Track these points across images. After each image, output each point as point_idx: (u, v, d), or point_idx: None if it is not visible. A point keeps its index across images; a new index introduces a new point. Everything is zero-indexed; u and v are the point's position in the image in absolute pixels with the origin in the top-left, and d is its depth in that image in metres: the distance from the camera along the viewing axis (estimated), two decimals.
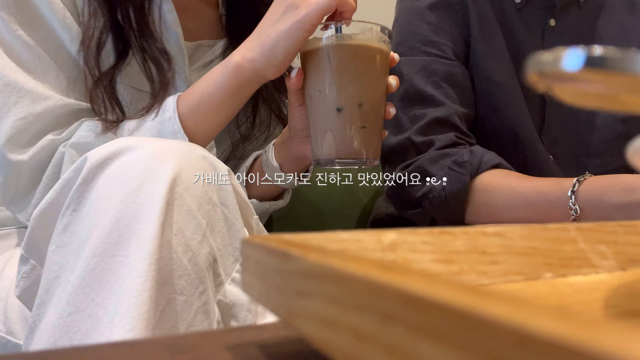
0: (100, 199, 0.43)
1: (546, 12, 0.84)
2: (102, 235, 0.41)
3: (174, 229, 0.43)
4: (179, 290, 0.42)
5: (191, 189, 0.45)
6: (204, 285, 0.44)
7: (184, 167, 0.45)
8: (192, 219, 0.44)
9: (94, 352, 0.23)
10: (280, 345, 0.23)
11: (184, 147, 0.48)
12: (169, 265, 0.42)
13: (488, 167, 0.73)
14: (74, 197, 0.44)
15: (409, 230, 0.24)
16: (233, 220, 0.49)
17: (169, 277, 0.42)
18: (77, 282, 0.41)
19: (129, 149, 0.45)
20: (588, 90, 0.18)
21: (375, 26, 0.59)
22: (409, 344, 0.12)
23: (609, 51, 0.16)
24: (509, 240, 0.26)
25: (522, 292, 0.24)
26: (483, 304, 0.10)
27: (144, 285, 0.39)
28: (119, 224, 0.41)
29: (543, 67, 0.17)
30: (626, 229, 0.29)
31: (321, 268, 0.16)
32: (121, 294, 0.39)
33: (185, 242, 0.43)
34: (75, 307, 0.40)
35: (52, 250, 0.45)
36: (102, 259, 0.41)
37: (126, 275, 0.40)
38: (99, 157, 0.45)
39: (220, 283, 0.47)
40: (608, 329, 0.09)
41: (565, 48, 0.17)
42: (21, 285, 0.50)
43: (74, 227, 0.44)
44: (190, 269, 0.43)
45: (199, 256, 0.44)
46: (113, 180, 0.44)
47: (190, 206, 0.44)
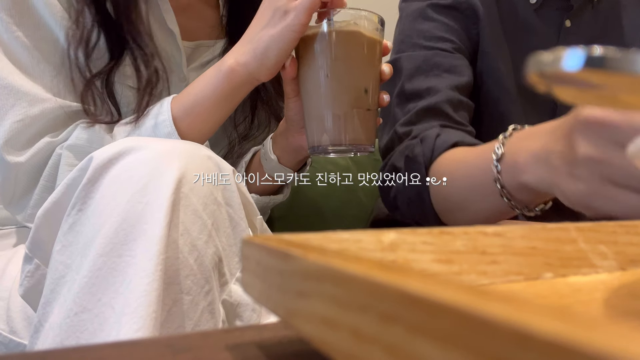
0: (106, 198, 0.43)
1: (561, 13, 0.84)
2: (109, 235, 0.41)
3: (180, 229, 0.43)
4: (186, 290, 0.43)
5: (196, 189, 0.45)
6: (210, 285, 0.44)
7: (189, 168, 0.45)
8: (197, 219, 0.45)
9: (94, 352, 0.23)
10: (280, 345, 0.23)
11: (188, 147, 0.48)
12: (176, 265, 0.42)
13: (443, 149, 0.64)
14: (80, 196, 0.44)
15: (409, 230, 0.24)
16: (238, 220, 0.49)
17: (176, 277, 0.42)
18: (84, 281, 0.41)
19: (134, 149, 0.45)
20: (588, 90, 0.18)
21: (368, 13, 0.60)
22: (409, 344, 0.12)
23: (609, 51, 0.16)
24: (509, 240, 0.26)
25: (522, 292, 0.24)
26: (483, 304, 0.10)
27: (151, 285, 0.39)
28: (125, 224, 0.42)
29: (543, 68, 0.17)
30: (626, 229, 0.29)
31: (321, 268, 0.16)
32: (128, 294, 0.39)
33: (191, 242, 0.43)
34: (82, 307, 0.40)
35: (57, 249, 0.45)
36: (108, 259, 0.41)
37: (133, 275, 0.40)
38: (105, 157, 0.45)
39: (225, 283, 0.48)
40: (608, 329, 0.09)
41: (565, 48, 0.17)
42: (25, 284, 0.50)
43: (80, 226, 0.44)
44: (196, 269, 0.43)
45: (204, 256, 0.44)
46: (118, 180, 0.44)
47: (196, 206, 0.45)
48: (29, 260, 0.50)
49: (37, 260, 0.49)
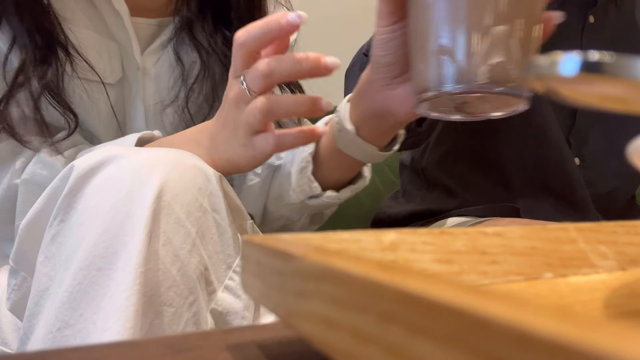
0: (88, 209, 0.42)
1: (585, 10, 0.84)
2: (89, 248, 0.41)
3: (161, 239, 0.42)
4: (168, 302, 0.41)
5: (180, 196, 0.44)
6: (194, 295, 0.43)
7: (172, 176, 0.44)
8: (180, 228, 0.43)
9: (94, 352, 0.23)
10: (280, 345, 0.23)
11: (172, 155, 0.47)
12: (157, 277, 0.41)
13: None
14: (61, 207, 0.43)
15: (409, 231, 0.24)
16: (225, 226, 0.48)
17: (157, 289, 0.41)
18: (65, 295, 0.40)
19: (116, 157, 0.44)
20: (588, 91, 0.19)
21: None
22: (409, 344, 0.12)
23: (605, 56, 0.16)
24: (509, 240, 0.26)
25: (522, 292, 0.24)
26: (483, 304, 0.10)
27: (129, 300, 0.38)
28: (106, 236, 0.41)
29: (540, 71, 0.18)
30: (626, 229, 0.29)
31: (321, 268, 0.16)
32: (109, 309, 0.39)
33: (173, 252, 0.42)
34: (64, 322, 0.40)
35: (40, 261, 0.44)
36: (89, 272, 0.40)
37: (114, 289, 0.39)
38: (86, 166, 0.44)
39: (212, 291, 0.46)
40: (608, 329, 0.09)
41: (562, 53, 0.17)
42: (12, 298, 0.49)
43: (62, 237, 0.43)
44: (179, 280, 0.42)
45: (188, 266, 0.43)
46: (100, 190, 0.43)
47: (178, 214, 0.43)
48: (14, 274, 0.49)
49: (23, 272, 0.48)
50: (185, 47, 0.66)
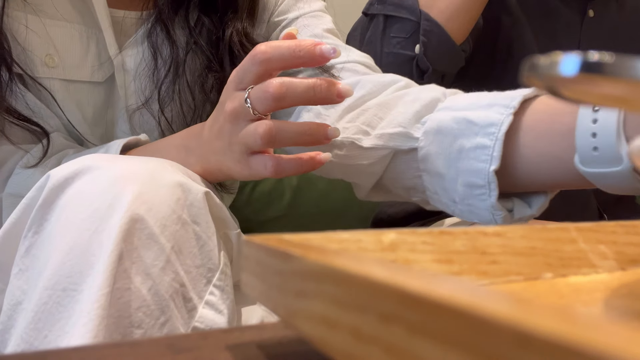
0: (60, 222, 0.40)
1: (585, 4, 0.85)
2: (55, 266, 0.39)
3: (132, 256, 0.39)
4: (136, 323, 0.39)
5: (154, 210, 0.41)
6: (166, 315, 0.40)
7: (147, 187, 0.41)
8: (153, 244, 0.40)
9: (94, 352, 0.23)
10: (280, 345, 0.23)
11: (150, 165, 0.44)
12: (126, 297, 0.39)
13: None
14: (36, 218, 0.42)
15: (409, 231, 0.24)
16: (205, 238, 0.45)
17: (126, 310, 0.39)
18: (31, 315, 0.38)
19: (91, 168, 0.42)
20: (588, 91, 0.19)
21: None
22: (409, 344, 0.12)
23: (605, 56, 0.16)
24: (509, 240, 0.26)
25: (522, 292, 0.24)
26: (483, 304, 0.10)
27: (86, 327, 0.36)
28: (72, 254, 0.39)
29: (539, 71, 0.18)
30: (626, 229, 0.29)
31: (321, 268, 0.16)
32: (74, 332, 0.37)
33: (144, 270, 0.40)
34: (28, 344, 0.38)
35: (14, 273, 0.42)
36: (53, 292, 0.38)
37: (78, 312, 0.37)
38: (61, 177, 0.42)
39: (192, 308, 0.43)
40: (608, 329, 0.09)
41: (562, 53, 0.17)
42: None
43: (35, 250, 0.41)
44: (149, 299, 0.40)
45: (160, 284, 0.40)
46: (70, 204, 0.41)
47: (152, 229, 0.40)
48: None
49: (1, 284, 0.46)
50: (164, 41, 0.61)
